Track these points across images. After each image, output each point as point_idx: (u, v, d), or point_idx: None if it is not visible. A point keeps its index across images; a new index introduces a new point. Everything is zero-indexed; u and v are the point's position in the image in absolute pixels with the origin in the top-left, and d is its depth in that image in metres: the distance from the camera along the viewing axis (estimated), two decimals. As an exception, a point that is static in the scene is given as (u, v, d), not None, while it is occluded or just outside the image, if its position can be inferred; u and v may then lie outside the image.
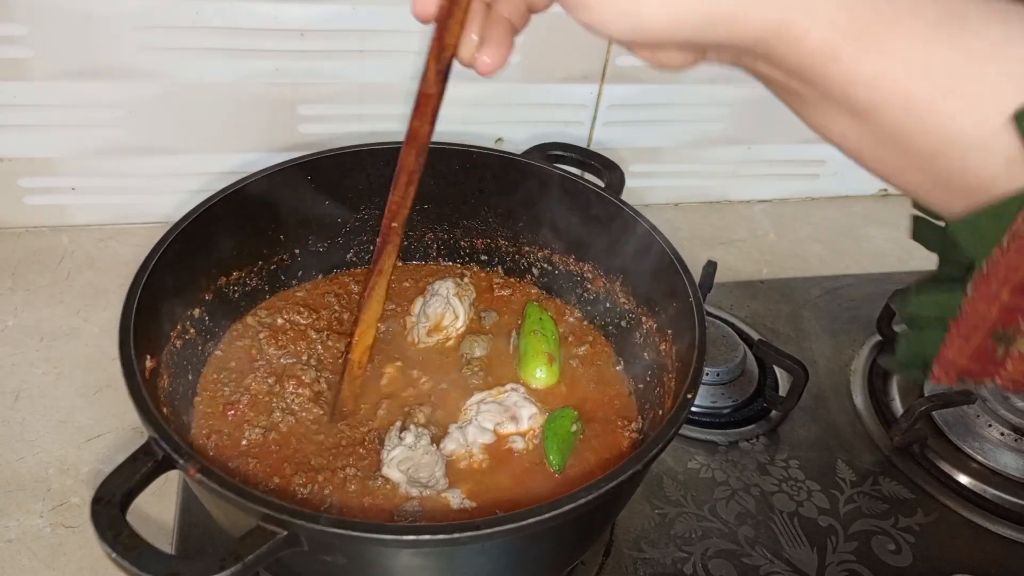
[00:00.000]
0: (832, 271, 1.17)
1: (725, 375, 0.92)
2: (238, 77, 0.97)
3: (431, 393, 0.78)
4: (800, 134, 1.37)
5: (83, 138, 0.98)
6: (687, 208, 1.27)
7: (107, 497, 0.51)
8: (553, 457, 0.72)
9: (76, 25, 0.89)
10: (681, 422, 0.60)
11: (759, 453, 0.88)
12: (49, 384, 0.87)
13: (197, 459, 0.53)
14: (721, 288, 1.07)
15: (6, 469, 0.79)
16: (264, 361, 0.79)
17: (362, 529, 0.50)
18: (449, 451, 0.72)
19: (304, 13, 0.94)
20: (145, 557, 0.49)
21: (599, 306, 0.87)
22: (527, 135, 1.11)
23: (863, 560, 0.78)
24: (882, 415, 0.93)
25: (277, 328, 0.82)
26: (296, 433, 0.73)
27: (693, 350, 0.66)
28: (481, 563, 0.59)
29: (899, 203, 1.35)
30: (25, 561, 0.72)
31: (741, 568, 0.77)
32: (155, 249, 0.69)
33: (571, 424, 0.74)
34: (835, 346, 1.03)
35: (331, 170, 0.83)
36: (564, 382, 0.81)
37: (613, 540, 0.78)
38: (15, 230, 1.05)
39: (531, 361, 0.80)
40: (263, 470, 0.69)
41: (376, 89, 1.02)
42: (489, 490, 0.70)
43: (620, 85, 1.10)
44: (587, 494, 0.53)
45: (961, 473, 0.88)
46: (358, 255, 0.91)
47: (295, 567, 0.57)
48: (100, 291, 0.98)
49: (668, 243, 0.75)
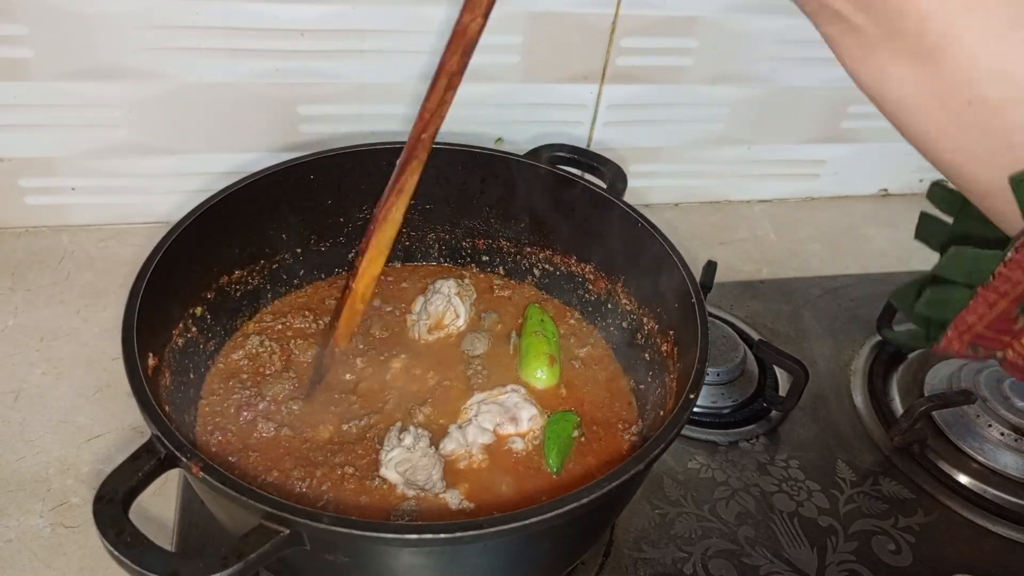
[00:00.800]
0: (832, 271, 1.17)
1: (725, 375, 0.93)
2: (238, 77, 0.97)
3: (435, 389, 0.79)
4: (800, 134, 1.38)
5: (83, 138, 0.98)
6: (687, 208, 1.27)
7: (109, 495, 0.51)
8: (552, 459, 0.72)
9: (76, 25, 0.89)
10: (683, 423, 0.60)
11: (759, 453, 0.88)
12: (49, 384, 0.87)
13: (200, 457, 0.53)
14: (721, 288, 1.07)
15: (6, 469, 0.79)
16: (270, 363, 0.79)
17: (365, 528, 0.50)
18: (449, 451, 0.72)
19: (304, 13, 0.94)
20: (147, 555, 0.49)
21: (600, 307, 0.87)
22: (527, 135, 1.11)
23: (863, 560, 0.78)
24: (882, 415, 0.93)
25: (280, 331, 0.82)
26: (298, 433, 0.73)
27: (695, 350, 0.66)
28: (482, 562, 0.59)
29: (899, 203, 1.35)
30: (25, 561, 0.72)
31: (741, 568, 0.77)
32: (157, 248, 0.69)
33: (573, 429, 0.74)
34: (835, 346, 1.03)
35: (331, 170, 0.83)
36: (565, 383, 0.81)
37: (613, 540, 0.78)
38: (15, 230, 1.05)
39: (532, 362, 0.80)
40: (263, 464, 0.69)
41: (376, 89, 1.02)
42: (487, 490, 0.70)
43: (620, 85, 1.10)
44: (589, 493, 0.53)
45: (961, 473, 0.88)
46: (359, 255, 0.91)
47: (296, 566, 0.57)
48: (100, 291, 0.98)
49: (669, 243, 0.75)
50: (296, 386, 0.77)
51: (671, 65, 1.10)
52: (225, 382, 0.77)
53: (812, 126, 1.23)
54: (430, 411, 0.76)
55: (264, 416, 0.73)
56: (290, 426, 0.73)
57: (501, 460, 0.73)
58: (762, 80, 1.15)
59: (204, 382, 0.77)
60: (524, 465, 0.73)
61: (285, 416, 0.74)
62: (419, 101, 1.02)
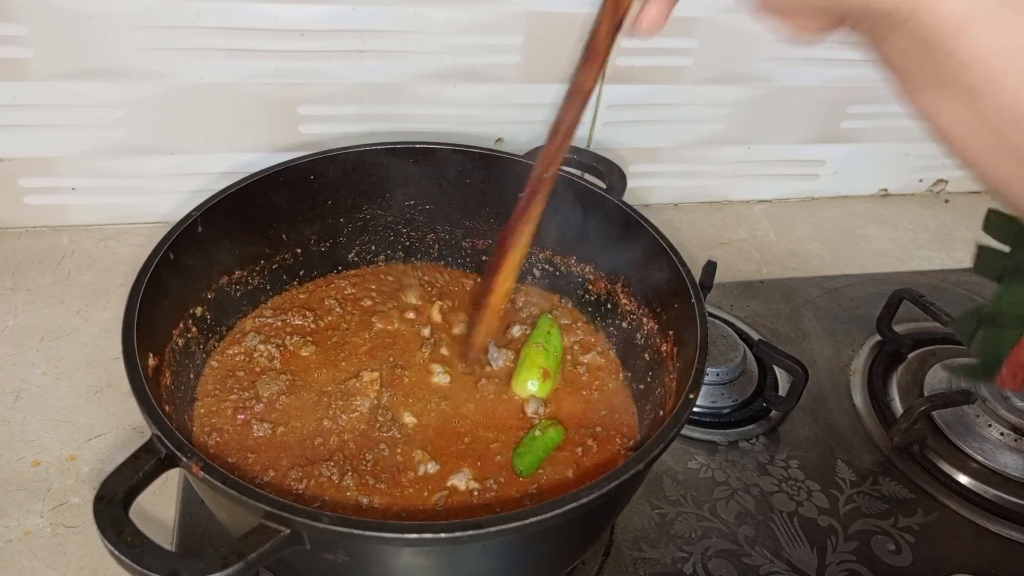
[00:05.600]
0: (832, 271, 1.17)
1: (725, 375, 0.93)
2: (238, 77, 0.97)
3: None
4: (800, 134, 1.38)
5: (83, 138, 0.98)
6: (687, 208, 1.27)
7: (109, 495, 0.51)
8: (521, 462, 0.72)
9: (76, 25, 0.89)
10: (683, 423, 0.60)
11: (759, 453, 0.88)
12: (49, 384, 0.87)
13: (201, 457, 0.53)
14: (721, 288, 1.07)
15: (6, 469, 0.79)
16: (269, 365, 0.79)
17: (365, 528, 0.50)
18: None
19: (304, 13, 0.94)
20: (148, 555, 0.49)
21: (600, 307, 0.87)
22: (527, 135, 1.11)
23: (863, 560, 0.78)
24: (882, 415, 0.93)
25: (279, 331, 0.82)
26: (297, 435, 0.73)
27: (695, 350, 0.66)
28: (482, 562, 0.59)
29: (899, 203, 1.36)
30: (25, 561, 0.72)
31: (741, 568, 0.77)
32: (157, 248, 0.69)
33: (556, 438, 0.74)
34: (835, 346, 1.03)
35: (331, 170, 0.83)
36: (565, 386, 0.81)
37: (613, 540, 0.78)
38: (15, 230, 1.05)
39: (525, 372, 0.80)
40: (259, 463, 0.70)
41: (376, 89, 1.02)
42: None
43: (620, 85, 1.10)
44: (589, 493, 0.53)
45: (961, 473, 0.88)
46: (360, 255, 0.91)
47: (296, 565, 0.57)
48: (100, 291, 0.98)
49: (669, 244, 0.75)
50: (291, 385, 0.77)
51: (671, 65, 1.10)
52: (222, 382, 0.77)
53: (812, 126, 1.23)
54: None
55: (259, 417, 0.73)
56: (285, 424, 0.73)
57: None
58: (762, 80, 1.15)
59: (199, 382, 0.76)
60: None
61: (280, 415, 0.74)
62: (419, 101, 1.04)
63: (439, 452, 0.73)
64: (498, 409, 0.78)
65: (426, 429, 0.75)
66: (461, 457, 0.73)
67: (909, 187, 1.37)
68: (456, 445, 0.74)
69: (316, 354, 0.81)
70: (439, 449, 0.73)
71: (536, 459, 0.72)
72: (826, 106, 1.21)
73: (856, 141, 1.27)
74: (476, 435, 0.75)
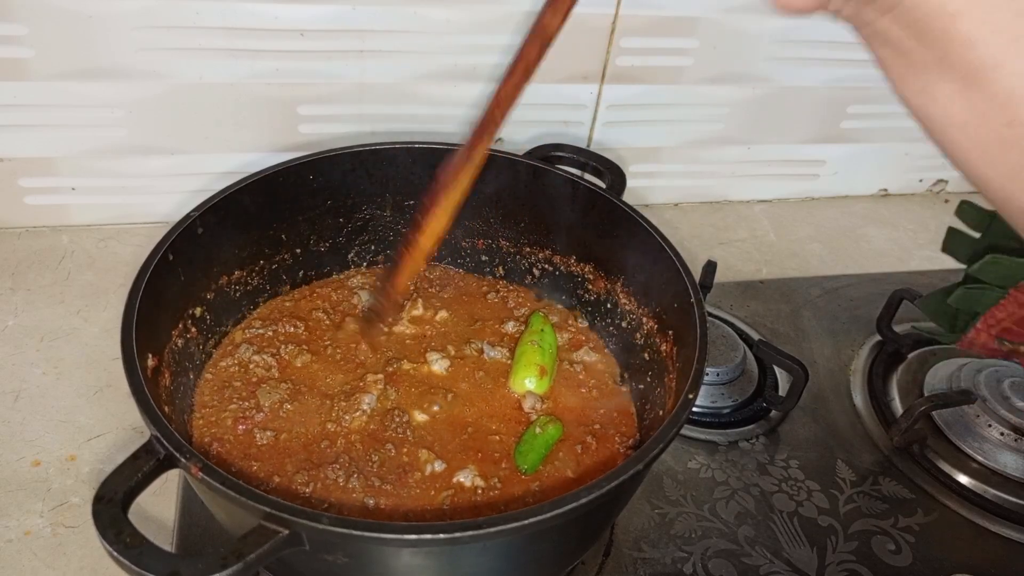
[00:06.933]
0: (832, 271, 1.17)
1: (725, 375, 0.93)
2: (238, 77, 0.97)
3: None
4: (800, 134, 1.38)
5: (83, 138, 0.98)
6: (687, 208, 1.27)
7: (108, 496, 0.51)
8: (524, 460, 0.72)
9: (76, 25, 0.89)
10: (683, 422, 0.60)
11: (759, 453, 0.88)
12: (49, 384, 0.87)
13: (199, 458, 0.53)
14: (721, 288, 1.07)
15: (6, 469, 0.79)
16: (267, 375, 0.79)
17: (364, 528, 0.50)
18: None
19: (304, 13, 0.94)
20: (147, 556, 0.49)
21: (600, 307, 0.87)
22: (527, 135, 1.11)
23: (863, 560, 0.78)
24: (882, 415, 0.93)
25: (271, 341, 0.82)
26: (301, 440, 0.73)
27: (694, 350, 0.66)
28: (482, 562, 0.59)
29: (899, 203, 1.36)
30: (25, 561, 0.72)
31: (741, 568, 0.77)
32: (157, 248, 0.69)
33: (555, 435, 0.74)
34: (835, 346, 1.03)
35: (331, 170, 0.83)
36: (560, 383, 0.81)
37: (613, 540, 0.78)
38: (15, 230, 1.05)
39: (522, 371, 0.80)
40: (264, 469, 0.69)
41: (376, 89, 1.02)
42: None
43: (620, 85, 1.10)
44: (589, 493, 0.53)
45: (961, 473, 0.88)
46: (360, 255, 0.91)
47: (296, 566, 0.57)
48: (100, 291, 0.98)
49: (669, 243, 0.75)
50: (293, 392, 0.77)
51: (671, 65, 1.10)
52: (218, 393, 0.76)
53: (812, 126, 1.23)
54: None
55: (261, 426, 0.73)
56: (288, 431, 0.73)
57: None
58: (762, 80, 1.15)
59: (195, 393, 0.76)
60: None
61: (283, 422, 0.74)
62: (419, 101, 1.04)
63: (445, 446, 0.73)
64: (497, 404, 0.78)
65: (435, 423, 0.75)
66: (465, 451, 0.73)
67: (909, 187, 1.37)
68: (460, 436, 0.74)
69: (314, 360, 0.80)
70: (444, 442, 0.74)
71: (539, 456, 0.72)
72: (826, 106, 1.21)
73: (856, 141, 1.26)
74: (479, 425, 0.76)
